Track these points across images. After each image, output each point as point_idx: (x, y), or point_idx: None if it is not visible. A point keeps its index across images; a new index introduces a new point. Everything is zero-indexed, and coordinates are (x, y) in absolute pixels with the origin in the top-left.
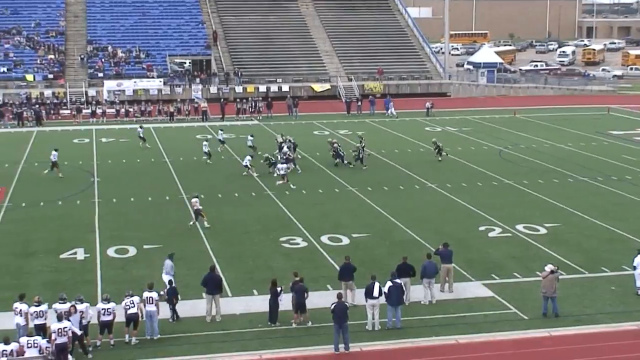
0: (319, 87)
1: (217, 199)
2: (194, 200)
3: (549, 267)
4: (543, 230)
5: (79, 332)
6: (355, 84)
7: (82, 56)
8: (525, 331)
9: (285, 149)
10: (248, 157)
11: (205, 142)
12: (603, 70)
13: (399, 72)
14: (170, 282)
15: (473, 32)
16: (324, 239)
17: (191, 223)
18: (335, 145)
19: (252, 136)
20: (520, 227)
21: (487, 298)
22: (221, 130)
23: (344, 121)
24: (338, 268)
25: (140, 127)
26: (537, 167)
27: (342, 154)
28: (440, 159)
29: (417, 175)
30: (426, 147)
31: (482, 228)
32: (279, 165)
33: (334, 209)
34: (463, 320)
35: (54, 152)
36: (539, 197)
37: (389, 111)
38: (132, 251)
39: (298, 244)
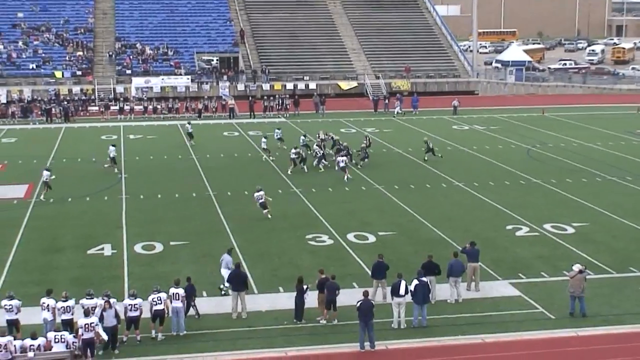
0: (346, 84)
1: (244, 196)
2: (258, 194)
3: (576, 267)
4: (571, 230)
5: (104, 336)
6: (383, 82)
7: (111, 53)
8: (552, 331)
9: (315, 146)
10: (264, 140)
11: (264, 139)
12: (633, 69)
13: (427, 70)
14: (188, 279)
15: (501, 30)
16: (350, 236)
17: (265, 212)
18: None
19: (279, 129)
20: (548, 226)
21: (514, 297)
22: (278, 129)
23: (370, 119)
24: (364, 265)
25: (189, 124)
26: (566, 166)
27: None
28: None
29: (444, 174)
30: (454, 145)
31: (509, 227)
32: (339, 158)
33: (360, 207)
34: (489, 319)
35: (111, 147)
36: (567, 197)
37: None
38: (158, 247)
39: (324, 241)
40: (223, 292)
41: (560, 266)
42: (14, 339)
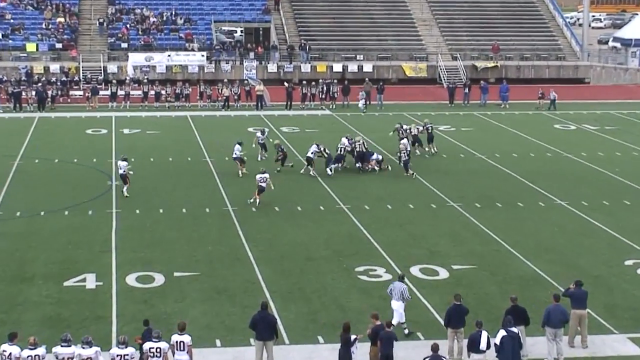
0: (412, 67)
1: (274, 213)
2: (262, 175)
3: None
4: None
5: None
6: (462, 65)
7: (101, 20)
8: None
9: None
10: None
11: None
12: None
13: (521, 49)
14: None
15: None
16: (415, 270)
17: (255, 198)
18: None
19: (262, 132)
20: None
21: (635, 358)
22: (261, 132)
23: (445, 113)
24: (432, 310)
25: (262, 133)
26: None
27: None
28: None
29: (542, 189)
30: (555, 150)
31: (629, 262)
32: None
33: (428, 231)
34: None
35: (121, 163)
36: None
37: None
38: (158, 279)
39: (380, 276)
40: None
41: None
42: None
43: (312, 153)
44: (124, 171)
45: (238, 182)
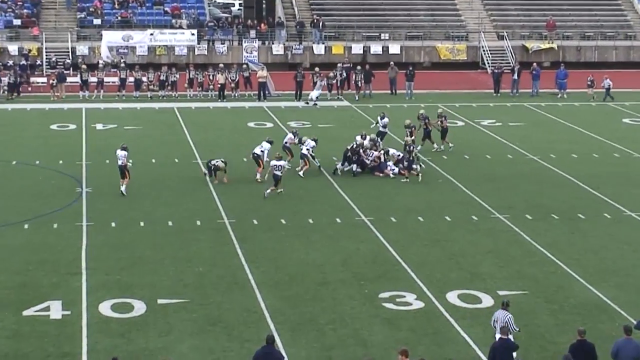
0: (449, 49)
1: (280, 227)
2: (278, 163)
3: None
4: None
5: None
6: (510, 45)
7: None
8: None
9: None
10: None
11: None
12: None
13: (582, 27)
14: None
15: None
16: (452, 297)
17: (270, 191)
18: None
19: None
20: None
21: None
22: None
23: (489, 105)
24: (474, 345)
25: (295, 135)
26: None
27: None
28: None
29: (608, 197)
30: (624, 150)
31: None
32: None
33: (468, 248)
34: None
35: (120, 152)
36: None
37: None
38: (138, 308)
39: (409, 303)
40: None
41: None
42: None
43: (307, 149)
44: (123, 162)
45: (236, 190)
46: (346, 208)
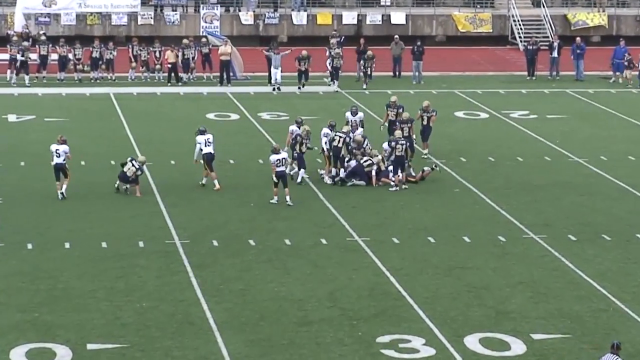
0: (469, 18)
1: (247, 249)
2: (277, 156)
3: None
4: None
5: None
6: (548, 15)
7: None
8: None
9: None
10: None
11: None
12: None
13: None
14: None
15: None
16: (472, 341)
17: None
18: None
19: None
20: None
21: None
22: None
23: (521, 92)
24: None
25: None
26: None
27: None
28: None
29: None
30: None
31: None
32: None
33: (493, 278)
34: None
35: (60, 147)
36: None
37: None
38: (62, 355)
39: (416, 350)
40: None
41: None
42: None
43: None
44: (64, 160)
45: (190, 201)
46: (334, 225)
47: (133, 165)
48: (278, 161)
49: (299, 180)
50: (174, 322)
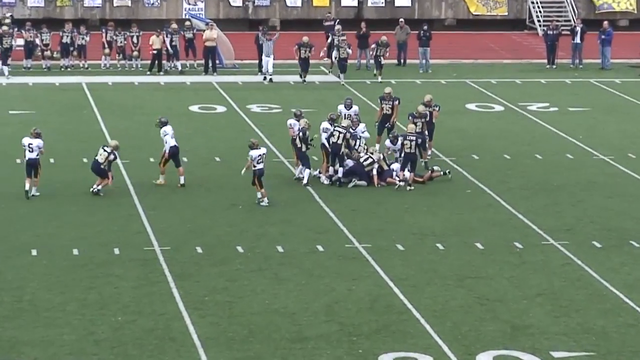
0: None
1: (235, 257)
2: (257, 152)
3: None
4: None
5: None
6: None
7: None
8: None
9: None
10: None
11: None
12: None
13: None
14: None
15: None
16: (484, 359)
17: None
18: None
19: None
20: None
21: None
22: None
23: (540, 82)
24: None
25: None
26: None
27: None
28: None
29: None
30: None
31: None
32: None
33: (509, 289)
34: None
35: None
36: None
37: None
38: None
39: None
40: None
41: None
42: None
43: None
44: (37, 155)
45: (172, 203)
46: (332, 230)
47: (105, 150)
48: (260, 157)
49: (305, 181)
50: (153, 338)
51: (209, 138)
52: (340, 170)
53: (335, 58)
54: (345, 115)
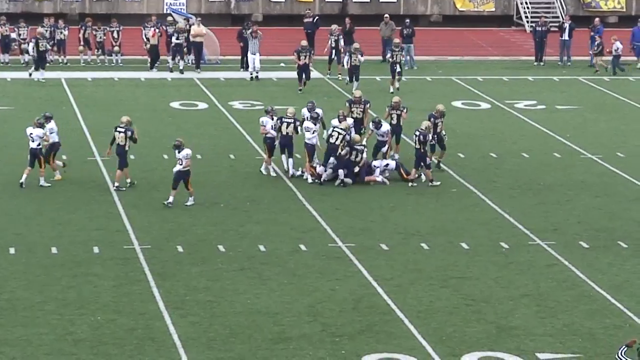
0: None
1: (217, 257)
2: (183, 152)
3: None
4: None
5: None
6: None
7: None
8: None
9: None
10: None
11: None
12: None
13: None
14: None
15: None
16: None
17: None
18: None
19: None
20: None
21: None
22: None
23: (527, 79)
24: None
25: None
26: None
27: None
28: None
29: None
30: None
31: None
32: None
33: (495, 290)
34: None
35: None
36: None
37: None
38: None
39: None
40: None
41: None
42: None
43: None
44: (39, 144)
45: (152, 200)
46: (315, 230)
47: (119, 130)
48: (182, 157)
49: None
50: (133, 338)
51: (190, 135)
52: (325, 171)
53: (347, 64)
54: (307, 118)
